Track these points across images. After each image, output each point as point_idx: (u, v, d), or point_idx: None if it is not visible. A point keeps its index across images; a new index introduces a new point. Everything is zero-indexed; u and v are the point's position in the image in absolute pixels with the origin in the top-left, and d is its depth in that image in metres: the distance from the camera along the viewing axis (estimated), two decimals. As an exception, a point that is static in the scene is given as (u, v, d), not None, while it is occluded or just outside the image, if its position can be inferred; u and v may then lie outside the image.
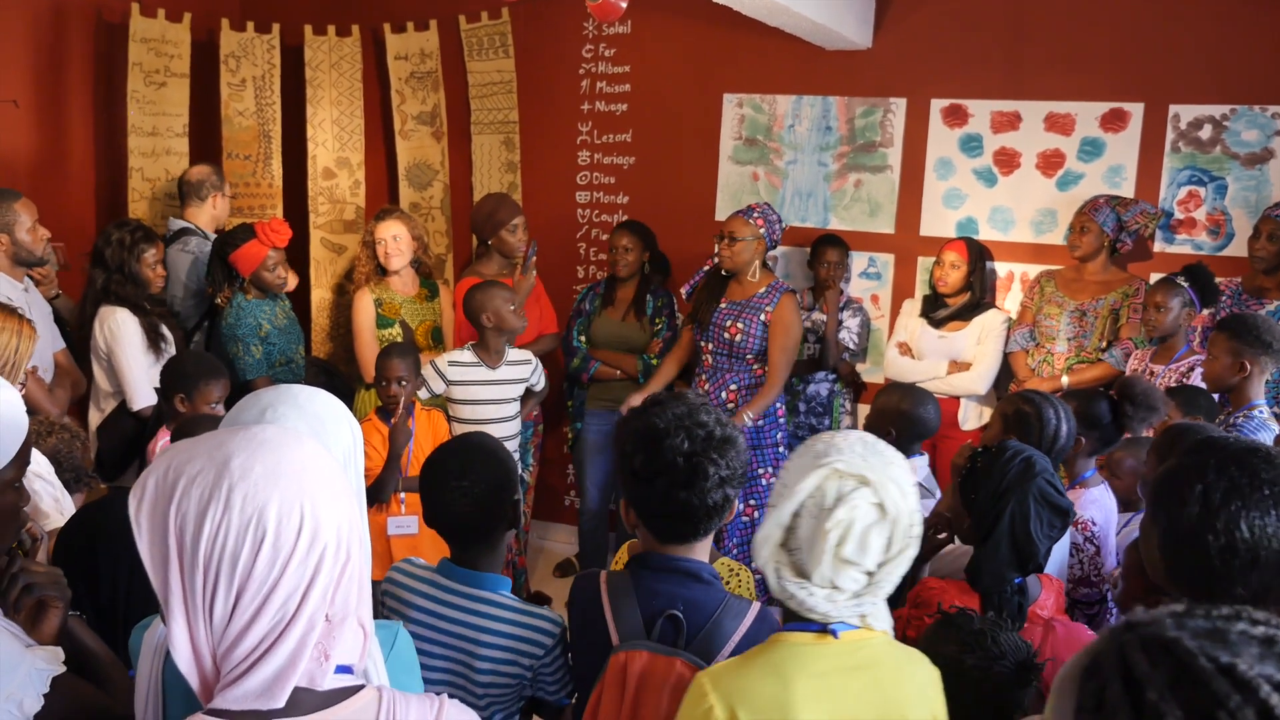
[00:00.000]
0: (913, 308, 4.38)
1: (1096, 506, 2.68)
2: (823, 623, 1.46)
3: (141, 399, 3.63)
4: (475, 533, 1.99)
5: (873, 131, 4.54)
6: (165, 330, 3.75)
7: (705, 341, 3.90)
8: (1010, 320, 4.20)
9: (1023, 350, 4.14)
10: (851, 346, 4.45)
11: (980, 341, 4.15)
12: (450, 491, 1.97)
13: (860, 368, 4.59)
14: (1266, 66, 3.95)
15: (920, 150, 4.48)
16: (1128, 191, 4.17)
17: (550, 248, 4.84)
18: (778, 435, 3.84)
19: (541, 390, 3.99)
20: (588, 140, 5.04)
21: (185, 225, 4.33)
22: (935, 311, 4.25)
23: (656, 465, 1.71)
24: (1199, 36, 4.02)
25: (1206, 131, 4.07)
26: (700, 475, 1.70)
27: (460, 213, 5.08)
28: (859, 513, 1.42)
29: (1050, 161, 4.29)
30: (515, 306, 3.72)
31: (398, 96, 5.08)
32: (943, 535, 2.29)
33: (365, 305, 4.20)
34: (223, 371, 3.05)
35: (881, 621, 1.50)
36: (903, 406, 2.99)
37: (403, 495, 3.35)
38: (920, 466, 2.98)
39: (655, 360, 4.24)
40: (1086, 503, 2.67)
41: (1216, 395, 3.20)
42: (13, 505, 1.47)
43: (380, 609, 2.01)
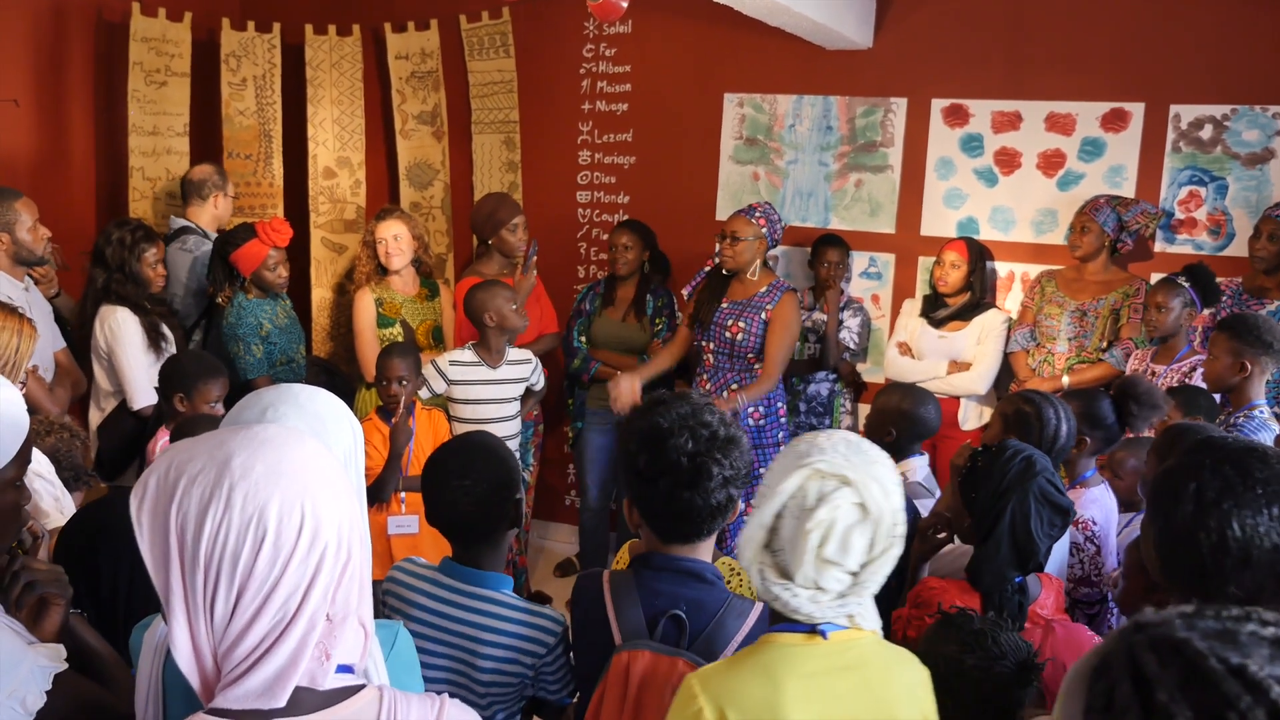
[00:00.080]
0: (913, 308, 4.38)
1: (1097, 506, 2.68)
2: (809, 623, 1.46)
3: (142, 398, 3.63)
4: (478, 532, 1.99)
5: (873, 131, 4.54)
6: (166, 330, 3.75)
7: (707, 341, 3.89)
8: (1010, 320, 4.20)
9: (1023, 350, 4.14)
10: (852, 346, 4.45)
11: (980, 341, 4.15)
12: (453, 490, 1.97)
13: (861, 368, 4.59)
14: (1267, 66, 3.95)
15: (921, 150, 4.48)
16: (1128, 191, 4.16)
17: (551, 247, 4.84)
18: (779, 435, 3.84)
19: (540, 390, 3.99)
20: (588, 140, 5.03)
21: (185, 224, 4.34)
22: (935, 311, 4.24)
23: (660, 465, 1.71)
24: (1199, 36, 4.02)
25: (1207, 131, 4.07)
26: (704, 475, 1.70)
27: (461, 212, 5.08)
28: (840, 513, 1.42)
29: (1051, 161, 4.29)
30: (517, 306, 3.72)
31: (398, 96, 5.08)
32: (942, 535, 2.29)
33: (366, 305, 4.20)
34: (221, 371, 3.05)
35: (870, 621, 1.50)
36: (903, 406, 2.99)
37: (403, 495, 3.35)
38: (920, 466, 2.98)
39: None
40: (1087, 502, 2.67)
41: (1217, 395, 3.19)
42: (14, 503, 1.47)
43: (381, 609, 2.01)
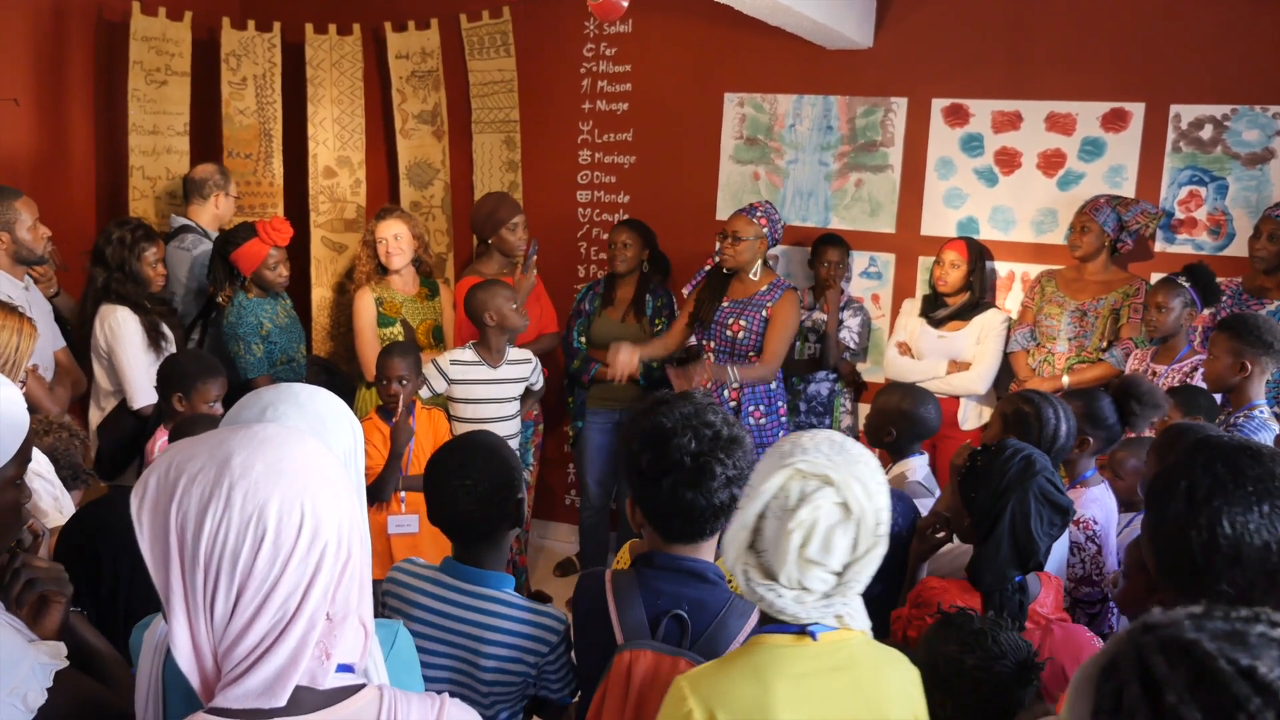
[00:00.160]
0: (913, 307, 4.38)
1: (1097, 506, 2.68)
2: (797, 624, 1.45)
3: (142, 398, 3.63)
4: (479, 531, 1.99)
5: (874, 131, 4.54)
6: (165, 329, 3.75)
7: (707, 340, 3.89)
8: (1010, 320, 4.20)
9: (1023, 350, 4.14)
10: (852, 346, 4.45)
11: (980, 341, 4.15)
12: (454, 490, 1.97)
13: (861, 367, 4.59)
14: (1267, 66, 3.95)
15: (921, 150, 4.48)
16: (1128, 191, 4.16)
17: (551, 247, 4.84)
18: (780, 435, 3.84)
19: (540, 390, 3.99)
20: (588, 139, 5.03)
21: (186, 223, 4.34)
22: (935, 311, 4.24)
23: (663, 464, 1.71)
24: (1199, 36, 4.02)
25: (1207, 131, 4.07)
26: (707, 475, 1.70)
27: (461, 212, 5.08)
28: (822, 513, 1.41)
29: (1051, 161, 4.29)
30: (517, 305, 3.72)
31: (399, 95, 5.08)
32: (942, 534, 2.29)
33: (366, 304, 4.20)
34: (220, 370, 3.05)
35: (859, 622, 1.50)
36: (903, 406, 2.99)
37: (403, 494, 3.35)
38: (920, 466, 2.98)
39: (655, 362, 4.23)
40: (1087, 502, 2.67)
41: (1217, 395, 3.19)
42: (14, 502, 1.47)
43: (382, 609, 2.01)
